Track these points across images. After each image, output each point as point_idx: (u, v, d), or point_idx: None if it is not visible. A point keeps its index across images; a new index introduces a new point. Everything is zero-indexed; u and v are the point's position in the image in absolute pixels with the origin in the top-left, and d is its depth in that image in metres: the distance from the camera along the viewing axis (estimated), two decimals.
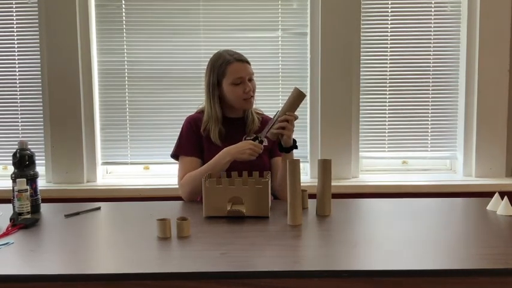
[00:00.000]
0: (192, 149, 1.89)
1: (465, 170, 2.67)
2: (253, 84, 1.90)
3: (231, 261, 1.18)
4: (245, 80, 1.86)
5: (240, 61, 1.87)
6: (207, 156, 1.87)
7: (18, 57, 2.61)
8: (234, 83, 1.85)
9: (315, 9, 2.58)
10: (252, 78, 1.90)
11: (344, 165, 2.62)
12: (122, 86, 2.64)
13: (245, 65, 1.88)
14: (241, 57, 1.89)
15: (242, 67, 1.87)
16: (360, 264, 1.18)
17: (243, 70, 1.87)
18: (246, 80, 1.86)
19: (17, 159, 1.66)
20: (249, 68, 1.90)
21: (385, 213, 1.64)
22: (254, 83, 1.91)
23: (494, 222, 1.51)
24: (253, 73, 1.91)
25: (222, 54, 1.90)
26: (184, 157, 1.89)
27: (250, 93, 1.87)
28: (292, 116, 1.75)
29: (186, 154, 1.89)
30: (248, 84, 1.87)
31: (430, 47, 2.64)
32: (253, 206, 1.55)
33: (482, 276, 1.12)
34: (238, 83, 1.85)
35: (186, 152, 1.90)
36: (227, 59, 1.87)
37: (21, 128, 2.65)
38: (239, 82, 1.85)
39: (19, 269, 1.17)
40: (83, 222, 1.57)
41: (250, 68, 1.90)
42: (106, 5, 2.61)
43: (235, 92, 1.86)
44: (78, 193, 2.53)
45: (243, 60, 1.89)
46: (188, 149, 1.90)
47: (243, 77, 1.85)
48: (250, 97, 1.88)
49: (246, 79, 1.86)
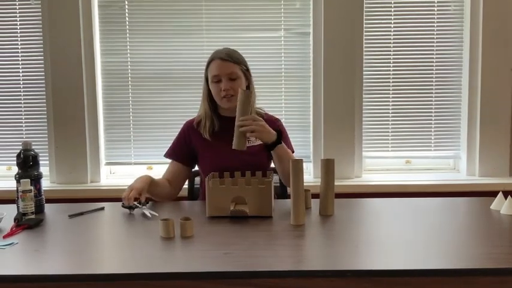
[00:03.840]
0: (176, 154, 1.95)
1: (469, 169, 2.67)
2: (236, 84, 1.83)
3: (234, 261, 1.18)
4: (221, 78, 1.83)
5: (220, 59, 1.84)
6: (202, 156, 1.90)
7: (22, 58, 2.62)
8: (212, 81, 1.85)
9: (317, 9, 2.58)
10: (235, 77, 1.84)
11: (347, 164, 2.62)
12: (125, 87, 2.65)
13: (224, 64, 1.83)
14: (223, 56, 1.84)
15: (220, 65, 1.83)
16: (363, 263, 1.18)
17: (219, 68, 1.83)
18: (222, 79, 1.83)
19: (21, 159, 1.67)
20: (230, 66, 1.83)
21: (388, 213, 1.64)
22: (239, 82, 1.85)
23: (497, 222, 1.50)
24: (235, 73, 1.84)
25: (214, 51, 1.90)
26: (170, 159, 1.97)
27: (228, 92, 1.82)
28: (244, 119, 1.66)
29: (170, 157, 1.97)
30: (226, 83, 1.82)
31: (433, 47, 2.64)
32: (256, 206, 1.55)
33: (486, 275, 1.12)
34: (216, 81, 1.84)
35: (171, 155, 1.97)
36: (211, 57, 1.88)
37: (25, 129, 2.66)
38: (216, 80, 1.84)
39: (23, 269, 1.17)
40: (86, 222, 1.58)
41: (233, 67, 1.84)
42: (109, 5, 2.61)
43: (213, 89, 1.86)
44: (82, 193, 2.54)
45: (224, 59, 1.83)
46: (173, 153, 1.96)
47: (219, 75, 1.83)
48: (228, 96, 1.83)
49: (222, 78, 1.83)
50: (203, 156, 1.91)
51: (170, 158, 1.96)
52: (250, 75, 1.92)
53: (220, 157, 1.85)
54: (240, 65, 1.87)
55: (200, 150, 1.91)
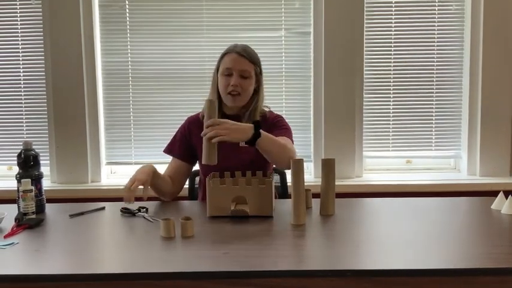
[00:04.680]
0: (177, 150, 1.93)
1: (469, 169, 2.66)
2: (245, 82, 1.80)
3: (234, 260, 1.18)
4: (233, 72, 1.79)
5: (237, 54, 1.80)
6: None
7: (23, 57, 2.63)
8: (223, 73, 1.81)
9: (318, 9, 2.58)
10: (247, 76, 1.80)
11: (348, 164, 2.62)
12: (126, 86, 2.65)
13: (240, 59, 1.79)
14: (241, 51, 1.80)
15: (235, 60, 1.79)
16: (363, 263, 1.18)
17: (234, 62, 1.79)
18: (234, 73, 1.79)
19: (21, 159, 1.67)
20: (245, 64, 1.79)
21: (388, 213, 1.64)
22: (249, 82, 1.81)
23: (498, 222, 1.50)
24: (249, 71, 1.80)
25: (232, 44, 1.86)
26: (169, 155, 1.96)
27: (235, 89, 1.78)
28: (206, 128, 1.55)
29: (171, 153, 1.95)
30: (236, 79, 1.78)
31: (433, 46, 2.63)
32: (256, 206, 1.55)
33: (486, 275, 1.11)
34: (226, 74, 1.80)
35: (171, 151, 1.95)
36: (228, 49, 1.84)
37: (25, 129, 2.67)
38: (227, 73, 1.80)
39: (24, 269, 1.17)
40: (87, 222, 1.58)
41: (248, 65, 1.80)
42: (110, 5, 2.62)
43: (221, 82, 1.82)
44: (83, 193, 2.54)
45: (241, 54, 1.80)
46: (173, 149, 1.94)
47: (231, 69, 1.79)
48: (234, 93, 1.79)
49: (234, 72, 1.79)
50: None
51: (169, 154, 1.94)
52: (262, 77, 1.88)
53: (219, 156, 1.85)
54: (255, 65, 1.84)
55: (199, 148, 1.90)
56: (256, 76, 1.85)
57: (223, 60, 1.83)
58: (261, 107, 1.90)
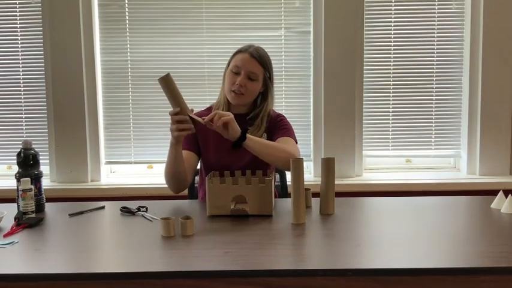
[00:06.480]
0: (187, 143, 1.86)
1: (469, 168, 2.67)
2: (251, 85, 1.80)
3: (234, 259, 1.18)
4: (241, 71, 1.79)
5: (249, 54, 1.80)
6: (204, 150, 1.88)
7: (22, 56, 2.62)
8: (231, 71, 1.82)
9: (318, 8, 2.58)
10: (254, 78, 1.80)
11: (347, 163, 2.62)
12: (125, 85, 2.65)
13: (251, 60, 1.79)
14: (254, 53, 1.81)
15: (246, 60, 1.79)
16: (363, 262, 1.17)
17: (244, 62, 1.79)
18: (242, 73, 1.79)
19: (21, 158, 1.67)
20: (255, 66, 1.79)
21: (388, 212, 1.64)
22: (255, 85, 1.81)
23: (498, 221, 1.50)
24: (257, 74, 1.80)
25: (248, 44, 1.86)
26: None
27: (240, 88, 1.78)
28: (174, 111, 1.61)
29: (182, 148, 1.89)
30: (243, 78, 1.78)
31: (433, 46, 2.63)
32: (256, 205, 1.55)
33: (486, 274, 1.11)
34: (235, 72, 1.81)
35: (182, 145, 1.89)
36: (242, 48, 1.84)
37: (25, 128, 2.66)
38: (235, 71, 1.80)
39: (23, 268, 1.17)
40: (87, 221, 1.58)
41: (257, 68, 1.80)
42: (109, 4, 2.61)
43: (228, 77, 1.82)
44: (82, 192, 2.54)
45: (253, 56, 1.80)
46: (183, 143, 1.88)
47: (240, 68, 1.79)
48: (238, 92, 1.79)
49: (242, 71, 1.79)
50: (204, 150, 1.88)
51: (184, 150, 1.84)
52: (271, 83, 1.87)
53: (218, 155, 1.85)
54: (265, 70, 1.83)
55: (201, 143, 1.89)
56: (264, 81, 1.84)
57: (234, 58, 1.84)
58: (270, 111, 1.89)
